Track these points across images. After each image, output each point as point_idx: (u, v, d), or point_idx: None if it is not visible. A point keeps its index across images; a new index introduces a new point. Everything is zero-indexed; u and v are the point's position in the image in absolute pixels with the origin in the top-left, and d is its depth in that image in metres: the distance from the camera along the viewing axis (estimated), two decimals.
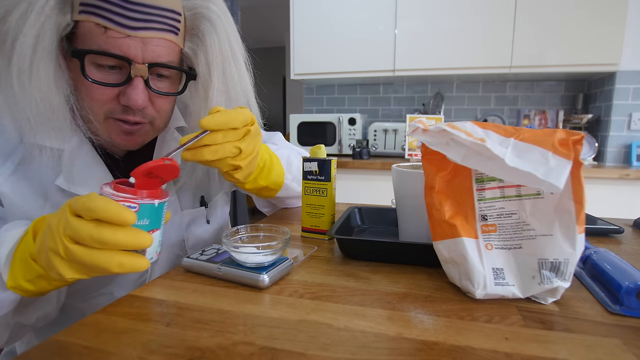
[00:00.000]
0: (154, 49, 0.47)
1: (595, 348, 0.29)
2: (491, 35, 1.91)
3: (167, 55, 0.49)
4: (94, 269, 0.35)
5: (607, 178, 1.63)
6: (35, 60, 0.43)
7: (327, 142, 2.17)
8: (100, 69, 0.46)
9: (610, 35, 1.76)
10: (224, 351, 0.28)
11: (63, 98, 0.46)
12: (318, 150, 0.59)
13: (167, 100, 0.53)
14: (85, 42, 0.45)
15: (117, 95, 0.48)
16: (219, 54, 0.52)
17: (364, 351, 0.28)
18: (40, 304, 0.46)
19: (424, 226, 0.49)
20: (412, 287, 0.40)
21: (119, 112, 0.49)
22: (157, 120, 0.53)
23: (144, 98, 0.48)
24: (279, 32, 4.21)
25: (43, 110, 0.44)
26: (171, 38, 0.48)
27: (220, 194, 0.69)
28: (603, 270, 0.41)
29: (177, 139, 0.61)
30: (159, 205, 0.38)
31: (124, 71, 0.47)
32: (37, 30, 0.42)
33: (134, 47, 0.45)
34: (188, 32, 0.52)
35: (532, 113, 1.91)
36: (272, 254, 0.42)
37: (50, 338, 0.30)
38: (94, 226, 0.33)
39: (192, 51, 0.52)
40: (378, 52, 2.08)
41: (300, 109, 4.01)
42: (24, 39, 0.41)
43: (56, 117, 0.46)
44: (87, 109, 0.48)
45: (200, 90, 0.55)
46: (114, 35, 0.44)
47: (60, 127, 0.47)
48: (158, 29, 0.46)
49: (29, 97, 0.43)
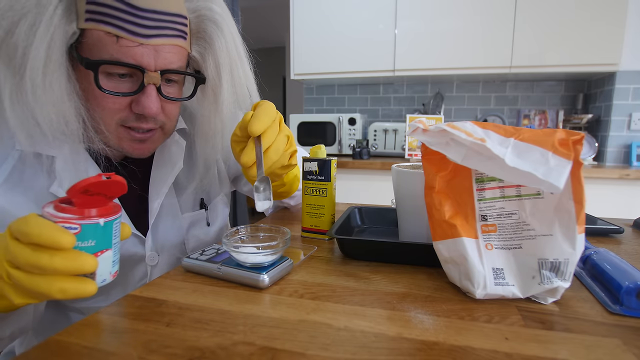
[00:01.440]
0: (166, 55, 0.46)
1: (595, 348, 0.29)
2: (491, 35, 1.91)
3: (177, 61, 0.48)
4: (37, 294, 0.32)
5: (607, 178, 1.63)
6: (48, 73, 0.41)
7: (327, 142, 2.17)
8: (111, 78, 0.46)
9: (610, 35, 1.76)
10: (224, 351, 0.28)
11: (74, 110, 0.44)
12: (318, 150, 0.59)
13: (176, 105, 0.53)
14: (95, 52, 0.44)
15: (130, 103, 0.47)
16: (226, 56, 0.52)
17: (364, 351, 0.28)
18: (16, 318, 0.44)
19: (424, 226, 0.49)
20: (412, 287, 0.40)
21: (132, 120, 0.48)
22: (167, 125, 0.53)
23: (157, 105, 0.47)
24: (279, 32, 4.21)
25: (57, 124, 0.43)
26: (181, 43, 0.48)
27: (220, 196, 0.69)
28: (603, 270, 0.41)
29: (177, 141, 0.60)
30: (106, 224, 0.34)
31: (135, 79, 0.47)
32: (47, 43, 0.40)
33: (147, 55, 0.45)
34: (194, 35, 0.51)
35: (532, 113, 1.91)
36: (273, 254, 0.42)
37: (50, 338, 0.30)
38: (30, 251, 0.31)
39: (200, 55, 0.52)
40: (378, 52, 2.08)
41: (300, 109, 4.01)
42: (36, 53, 0.40)
43: (70, 129, 0.44)
44: (98, 119, 0.47)
45: (209, 93, 0.54)
46: (126, 44, 0.43)
47: (71, 139, 0.46)
48: (169, 35, 0.46)
49: (45, 111, 0.42)
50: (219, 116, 0.55)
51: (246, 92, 0.56)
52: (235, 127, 0.51)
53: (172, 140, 0.60)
